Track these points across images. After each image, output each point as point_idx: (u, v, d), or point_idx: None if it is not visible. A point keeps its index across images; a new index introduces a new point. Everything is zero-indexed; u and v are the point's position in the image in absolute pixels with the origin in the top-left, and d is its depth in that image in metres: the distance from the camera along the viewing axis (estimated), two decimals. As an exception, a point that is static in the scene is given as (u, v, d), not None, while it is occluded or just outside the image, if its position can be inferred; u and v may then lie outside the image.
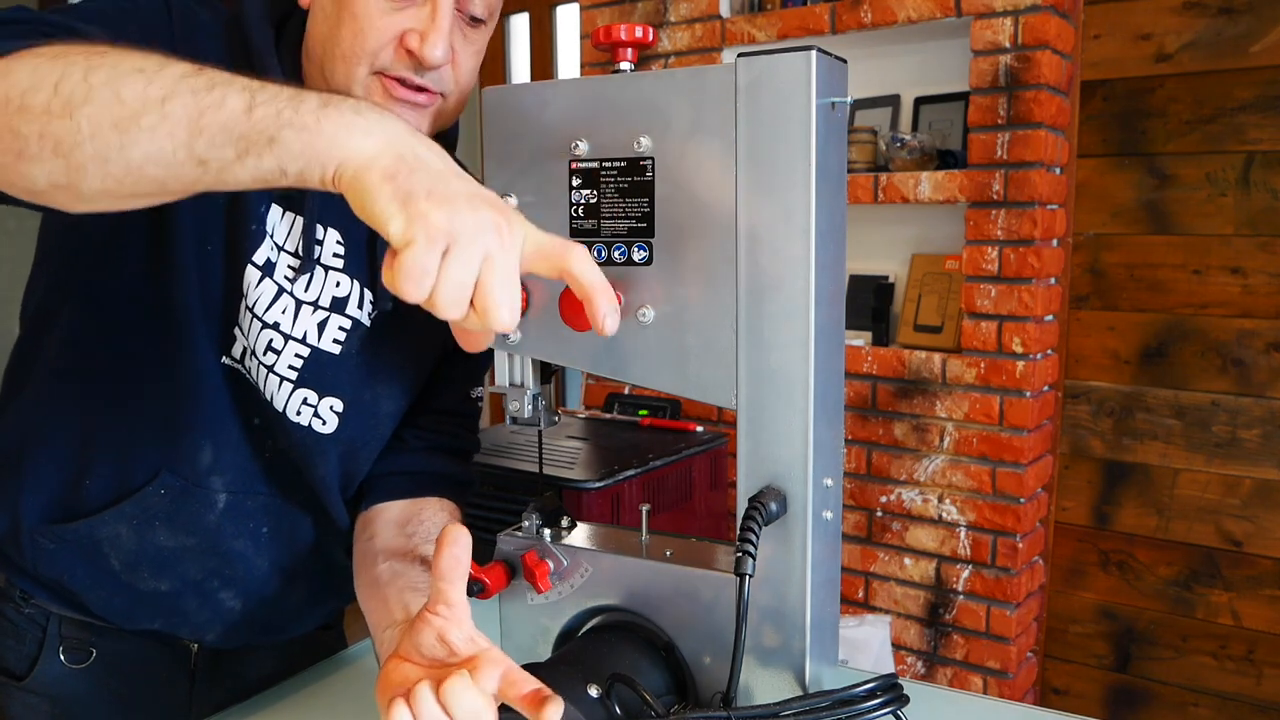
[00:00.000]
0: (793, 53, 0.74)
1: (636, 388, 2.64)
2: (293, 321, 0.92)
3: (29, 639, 1.02)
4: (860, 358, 2.44)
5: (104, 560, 0.96)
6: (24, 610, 1.02)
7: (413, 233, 0.56)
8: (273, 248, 0.91)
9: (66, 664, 1.01)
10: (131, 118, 0.60)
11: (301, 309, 0.93)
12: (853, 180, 2.39)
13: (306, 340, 0.93)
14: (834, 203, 0.78)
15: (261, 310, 0.91)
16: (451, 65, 0.87)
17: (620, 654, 0.83)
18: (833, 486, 0.81)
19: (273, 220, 0.91)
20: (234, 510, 0.97)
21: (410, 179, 0.57)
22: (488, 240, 0.57)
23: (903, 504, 2.43)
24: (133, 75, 0.61)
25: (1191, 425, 2.32)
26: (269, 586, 1.02)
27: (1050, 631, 2.52)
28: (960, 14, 2.24)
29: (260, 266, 0.90)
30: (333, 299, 0.94)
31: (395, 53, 0.84)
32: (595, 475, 1.95)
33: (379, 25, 0.83)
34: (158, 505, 0.94)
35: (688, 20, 2.63)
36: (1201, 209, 2.26)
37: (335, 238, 0.94)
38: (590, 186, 0.82)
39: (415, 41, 0.83)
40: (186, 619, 1.01)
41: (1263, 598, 2.27)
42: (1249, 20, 2.17)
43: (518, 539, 0.91)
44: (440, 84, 0.87)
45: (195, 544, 0.96)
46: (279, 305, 0.92)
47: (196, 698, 1.06)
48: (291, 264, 0.92)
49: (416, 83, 0.86)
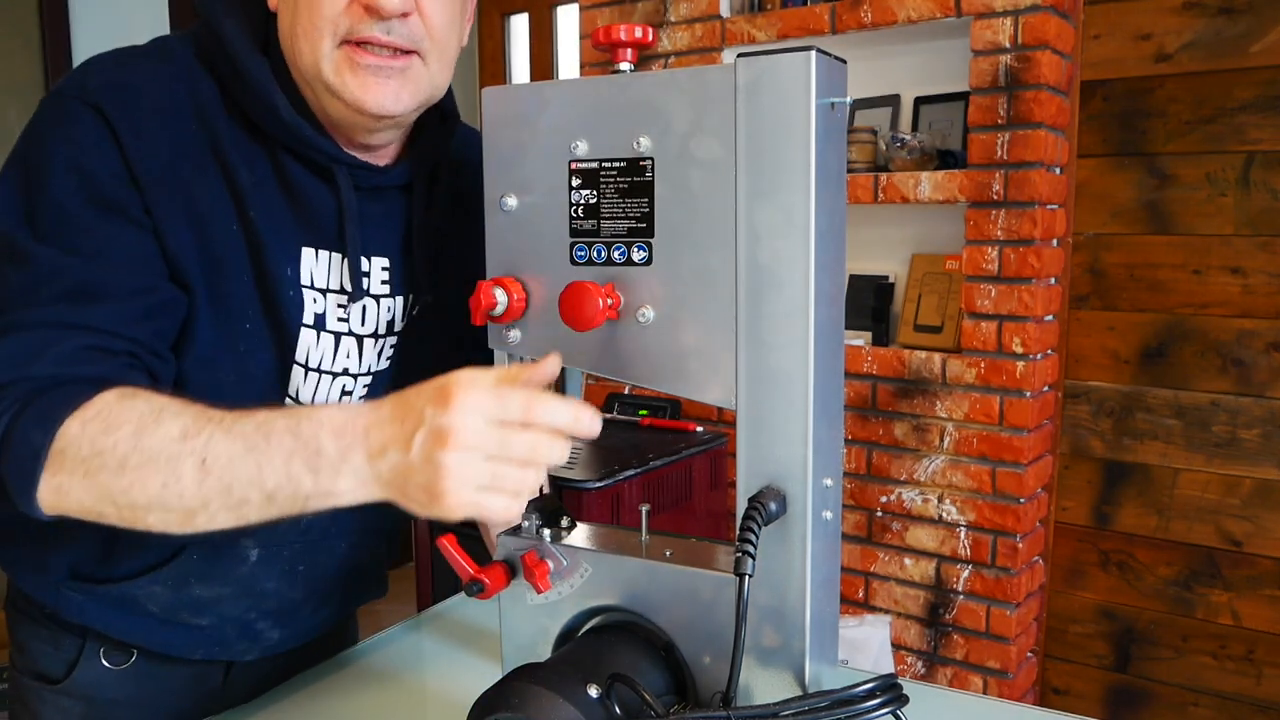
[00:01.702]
0: (792, 53, 0.74)
1: (636, 388, 2.64)
2: (359, 359, 0.94)
3: (67, 644, 1.00)
4: (860, 358, 2.44)
5: (140, 608, 0.96)
6: (62, 619, 0.99)
7: (446, 491, 0.66)
8: (314, 298, 0.90)
9: (108, 665, 1.00)
10: (188, 517, 0.71)
11: (364, 344, 0.94)
12: (853, 180, 2.39)
13: (371, 370, 0.96)
14: (834, 203, 0.78)
15: (328, 364, 0.92)
16: (420, 16, 0.83)
17: (620, 654, 0.83)
18: (833, 486, 0.81)
19: (307, 268, 0.89)
20: (267, 560, 0.97)
21: (400, 482, 0.67)
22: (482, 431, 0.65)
23: (903, 504, 2.43)
24: (160, 490, 0.70)
25: (1191, 425, 2.32)
26: (304, 610, 1.05)
27: (1050, 631, 2.52)
28: (960, 14, 2.24)
29: (312, 325, 0.90)
30: (386, 324, 0.96)
31: (355, 13, 0.82)
32: (595, 475, 1.95)
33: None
34: (191, 567, 0.94)
35: (688, 20, 2.63)
36: (1201, 209, 2.26)
37: (381, 264, 0.94)
38: (590, 187, 0.82)
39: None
40: (227, 648, 1.02)
41: (1263, 598, 2.27)
42: (1249, 20, 2.17)
43: (518, 539, 0.91)
44: (410, 39, 0.84)
45: (231, 591, 0.97)
46: (342, 350, 0.92)
47: (230, 691, 1.06)
48: (340, 301, 0.91)
49: (384, 41, 0.83)
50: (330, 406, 0.74)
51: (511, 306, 0.85)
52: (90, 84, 0.81)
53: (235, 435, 0.70)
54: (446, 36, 0.87)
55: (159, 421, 0.71)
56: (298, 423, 0.70)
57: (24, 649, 1.03)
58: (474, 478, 0.65)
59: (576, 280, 0.81)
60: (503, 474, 0.66)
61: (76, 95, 0.81)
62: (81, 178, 0.79)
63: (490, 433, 0.65)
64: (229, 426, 0.70)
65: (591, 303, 0.80)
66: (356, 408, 0.70)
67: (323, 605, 1.07)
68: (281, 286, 0.88)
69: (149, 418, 0.71)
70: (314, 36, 0.83)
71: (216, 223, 0.84)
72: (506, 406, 0.66)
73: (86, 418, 0.72)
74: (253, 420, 0.71)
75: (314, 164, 0.88)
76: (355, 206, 0.89)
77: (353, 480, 0.68)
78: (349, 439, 0.68)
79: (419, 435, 0.66)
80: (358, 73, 0.83)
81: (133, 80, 0.83)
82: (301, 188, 0.88)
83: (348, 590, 1.10)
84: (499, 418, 0.66)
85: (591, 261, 0.83)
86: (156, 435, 0.70)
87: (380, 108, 0.85)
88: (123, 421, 0.71)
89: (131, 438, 0.70)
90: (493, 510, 0.67)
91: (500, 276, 0.86)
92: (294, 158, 0.88)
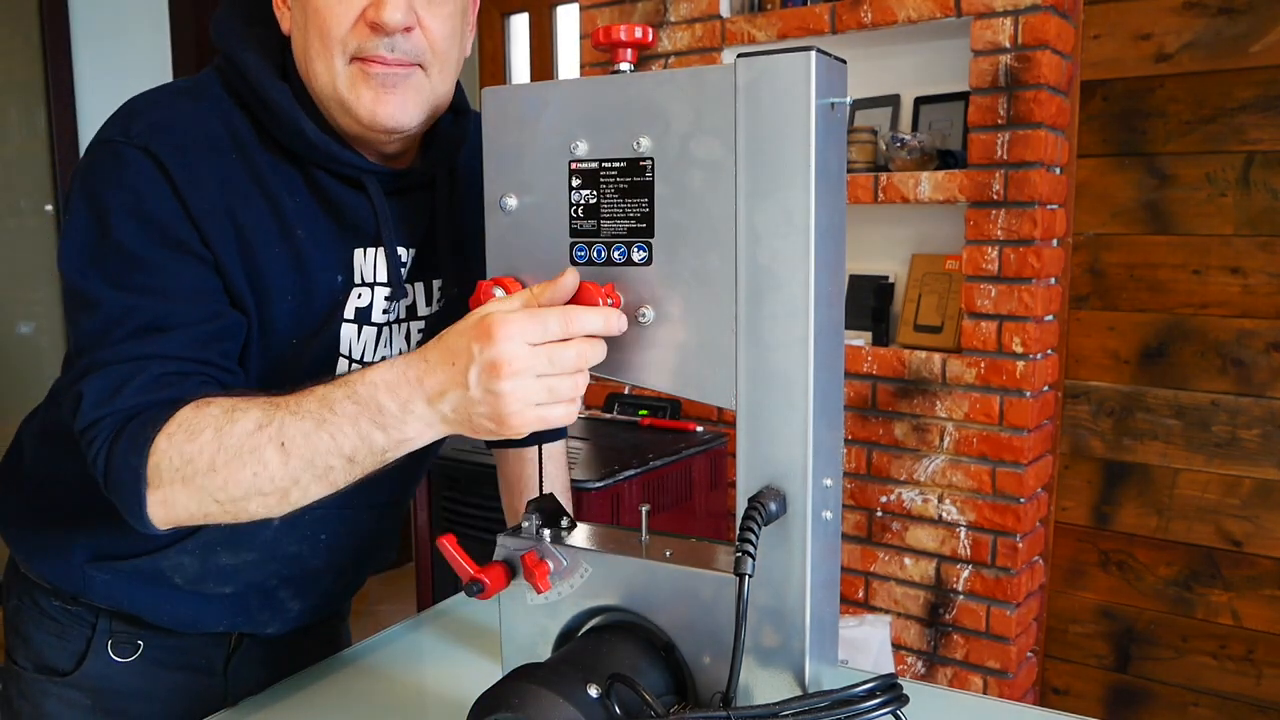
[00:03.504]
0: (792, 53, 0.74)
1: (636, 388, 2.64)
2: (394, 349, 0.99)
3: (75, 636, 1.03)
4: (860, 358, 2.44)
5: (167, 581, 0.99)
6: (71, 608, 1.03)
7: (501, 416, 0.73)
8: (359, 294, 0.95)
9: (114, 658, 1.03)
10: (284, 495, 0.78)
11: (394, 331, 0.98)
12: (853, 180, 2.39)
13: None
14: (834, 203, 0.78)
15: (370, 357, 0.96)
16: (421, 31, 0.88)
17: (620, 654, 0.83)
18: (832, 486, 0.81)
19: (358, 268, 0.95)
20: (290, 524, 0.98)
21: (465, 417, 0.74)
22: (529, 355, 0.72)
23: (903, 504, 2.43)
24: (252, 479, 0.77)
25: (1191, 425, 2.32)
26: (323, 580, 1.08)
27: (1050, 631, 2.52)
28: (960, 14, 2.24)
29: (353, 319, 0.95)
30: (406, 309, 1.00)
31: (361, 31, 0.86)
32: (595, 475, 1.96)
33: (339, 11, 0.85)
34: (217, 535, 0.96)
35: (688, 20, 2.63)
36: (1201, 209, 2.26)
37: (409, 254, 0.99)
38: (590, 187, 0.82)
39: (373, 12, 0.85)
40: (250, 618, 1.06)
41: (1263, 598, 2.27)
42: (1249, 20, 2.17)
43: (518, 539, 0.91)
44: (413, 53, 0.88)
45: (255, 558, 1.00)
46: (382, 340, 0.97)
47: (232, 683, 1.09)
48: (385, 294, 0.96)
49: (390, 59, 0.87)
50: (379, 366, 0.77)
51: (511, 306, 0.85)
52: (134, 128, 0.86)
53: (303, 414, 0.77)
54: (448, 49, 0.91)
55: (233, 420, 0.78)
56: (353, 389, 0.76)
57: (29, 642, 1.05)
58: (532, 396, 0.72)
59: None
60: (557, 386, 0.73)
61: (124, 140, 0.85)
62: (141, 221, 0.84)
63: (537, 354, 0.72)
64: (295, 408, 0.77)
65: (591, 303, 0.80)
66: (404, 361, 0.76)
67: (341, 574, 1.11)
68: (324, 296, 0.93)
69: (223, 419, 0.78)
70: (327, 56, 0.87)
71: (260, 248, 0.89)
72: (546, 326, 0.73)
73: (171, 432, 0.78)
74: (314, 397, 0.77)
75: (345, 176, 0.93)
76: (388, 211, 0.94)
77: (420, 425, 0.75)
78: (406, 391, 0.75)
79: (473, 371, 0.72)
80: (370, 84, 0.87)
81: (175, 120, 0.87)
82: (339, 199, 0.93)
83: (364, 559, 1.15)
84: (541, 338, 0.72)
85: (591, 261, 0.83)
86: (234, 432, 0.77)
87: (391, 119, 0.89)
88: (203, 428, 0.78)
89: (214, 440, 0.77)
90: (555, 418, 0.75)
91: (500, 276, 0.86)
92: (326, 173, 0.92)
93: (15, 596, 1.07)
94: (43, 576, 1.04)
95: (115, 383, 0.81)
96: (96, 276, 0.84)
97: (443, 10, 0.89)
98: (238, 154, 0.89)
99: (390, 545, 1.20)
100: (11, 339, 3.03)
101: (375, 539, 1.13)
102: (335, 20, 0.86)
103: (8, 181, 2.96)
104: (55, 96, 3.02)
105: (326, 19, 0.86)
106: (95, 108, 3.05)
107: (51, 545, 1.00)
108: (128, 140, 0.85)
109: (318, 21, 0.86)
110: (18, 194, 3.04)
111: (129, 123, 0.86)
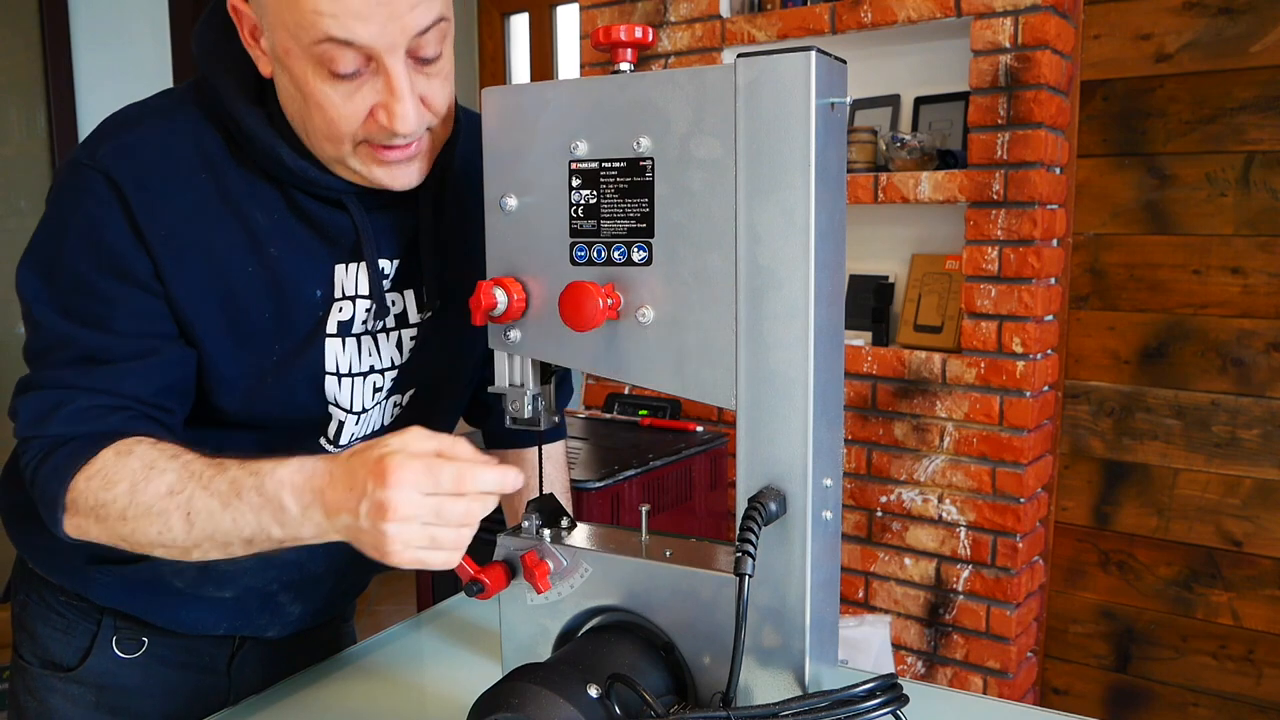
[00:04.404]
0: (792, 53, 0.74)
1: (636, 388, 2.64)
2: (379, 355, 0.98)
3: (80, 632, 1.04)
4: (860, 358, 2.44)
5: (167, 585, 0.99)
6: (76, 604, 1.04)
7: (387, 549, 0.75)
8: (340, 307, 0.94)
9: (119, 654, 1.04)
10: (185, 553, 0.83)
11: (378, 339, 0.98)
12: (853, 180, 2.39)
13: (395, 364, 1.00)
14: (834, 202, 0.78)
15: (356, 367, 0.96)
16: (424, 108, 0.85)
17: (620, 654, 0.83)
18: (832, 486, 0.81)
19: (339, 282, 0.94)
20: None
21: (354, 539, 0.77)
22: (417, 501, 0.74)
23: (903, 504, 2.43)
24: (157, 536, 0.82)
25: (1191, 425, 2.32)
26: (323, 585, 1.09)
27: (1050, 631, 2.52)
28: (960, 14, 2.24)
29: (336, 333, 0.94)
30: (395, 316, 0.99)
31: (371, 126, 0.84)
32: (595, 475, 1.95)
33: (345, 112, 0.83)
34: None
35: (688, 20, 2.63)
36: (1201, 209, 2.26)
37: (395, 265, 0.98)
38: (590, 187, 0.82)
39: (384, 117, 0.82)
40: (250, 621, 1.06)
41: (1263, 598, 2.27)
42: (1249, 20, 2.17)
43: (518, 539, 0.91)
44: (421, 129, 0.86)
45: (254, 563, 0.99)
46: (364, 348, 0.97)
47: (235, 682, 1.09)
48: (367, 306, 0.96)
49: (402, 146, 0.86)
50: (288, 464, 0.79)
51: (511, 306, 0.85)
52: (101, 151, 0.86)
53: (212, 492, 0.80)
54: (445, 102, 0.88)
55: (148, 479, 0.82)
56: (261, 481, 0.79)
57: (35, 637, 1.06)
58: (414, 540, 0.75)
59: (576, 280, 0.81)
60: (439, 535, 0.75)
61: (90, 163, 0.86)
62: (94, 248, 0.86)
63: (425, 503, 0.73)
64: (207, 483, 0.81)
65: (591, 303, 0.80)
66: (313, 466, 0.78)
67: (342, 578, 1.11)
68: (303, 311, 0.92)
69: (139, 475, 0.82)
70: (334, 143, 0.85)
71: (233, 267, 0.89)
72: (439, 479, 0.74)
73: (90, 474, 0.83)
74: (226, 478, 0.80)
75: (324, 197, 0.92)
76: (370, 230, 0.94)
77: (314, 530, 0.79)
78: (308, 498, 0.78)
79: (363, 505, 0.74)
80: (382, 164, 0.87)
81: (142, 143, 0.87)
82: (319, 217, 0.92)
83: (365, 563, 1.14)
84: (432, 489, 0.73)
85: (591, 261, 0.83)
86: (147, 492, 0.81)
87: (407, 186, 0.90)
88: (119, 479, 0.82)
89: (127, 493, 0.82)
90: (434, 563, 0.77)
91: (500, 276, 0.86)
92: (304, 194, 0.91)
93: (23, 592, 1.08)
94: (48, 574, 1.05)
95: (47, 407, 0.86)
96: (45, 297, 0.87)
97: (439, 75, 0.86)
98: (208, 174, 0.88)
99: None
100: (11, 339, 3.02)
101: None
102: (343, 121, 0.83)
103: (8, 181, 2.96)
104: (55, 96, 3.02)
105: (333, 118, 0.83)
106: (95, 108, 3.05)
107: (54, 544, 1.00)
108: (92, 164, 0.85)
109: (322, 115, 0.84)
110: (18, 194, 3.04)
111: (98, 145, 0.87)
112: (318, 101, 0.83)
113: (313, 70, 0.81)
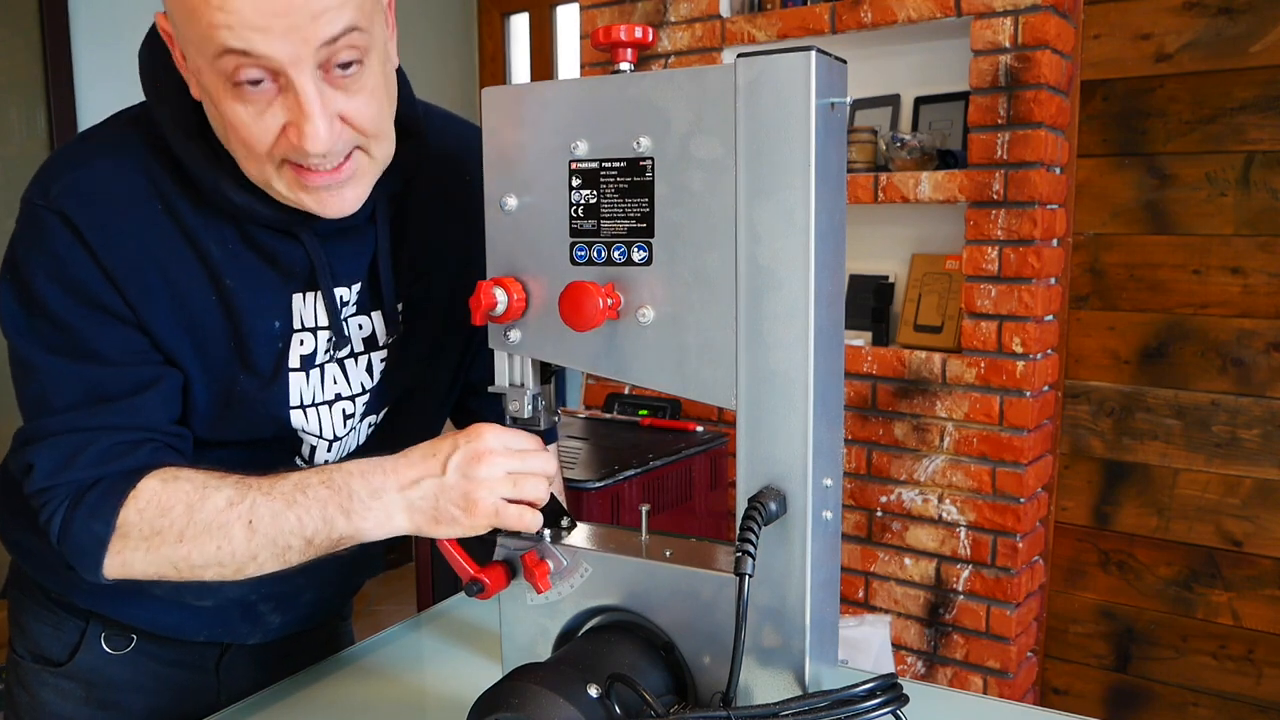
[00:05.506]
0: (792, 53, 0.74)
1: (636, 388, 2.64)
2: (346, 381, 0.97)
3: (69, 628, 1.04)
4: (860, 358, 2.44)
5: (146, 592, 0.98)
6: (64, 604, 1.04)
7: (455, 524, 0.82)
8: (302, 339, 0.93)
9: (107, 650, 1.04)
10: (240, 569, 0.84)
11: (345, 365, 0.96)
12: (853, 180, 2.39)
13: (366, 388, 0.98)
14: (834, 202, 0.78)
15: (320, 396, 0.95)
16: (347, 124, 0.80)
17: (620, 654, 0.83)
18: (832, 486, 0.81)
19: (298, 313, 0.92)
20: None
21: (431, 505, 0.82)
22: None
23: (903, 504, 2.43)
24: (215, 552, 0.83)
25: (1191, 425, 2.32)
26: (305, 594, 1.08)
27: (1050, 631, 2.52)
28: (960, 14, 2.24)
29: (299, 367, 0.93)
30: (363, 340, 0.97)
31: (286, 144, 0.79)
32: (595, 475, 1.95)
33: (257, 132, 0.78)
34: None
35: (688, 20, 2.63)
36: (1201, 209, 2.26)
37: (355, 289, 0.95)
38: (590, 187, 0.82)
39: (294, 135, 0.78)
40: (230, 629, 1.06)
41: (1263, 598, 2.27)
42: (1249, 20, 2.17)
43: (518, 539, 0.91)
44: (346, 149, 0.82)
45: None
46: (328, 377, 0.95)
47: (224, 682, 1.09)
48: (328, 336, 0.94)
49: (324, 169, 0.81)
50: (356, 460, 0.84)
51: (511, 306, 0.85)
52: (53, 190, 0.84)
53: (274, 495, 0.82)
54: (377, 118, 0.83)
55: (204, 498, 0.83)
56: (330, 475, 0.83)
57: (26, 632, 1.07)
58: (500, 487, 0.81)
59: (576, 280, 0.81)
60: (523, 483, 0.82)
61: (44, 204, 0.84)
62: (64, 286, 0.84)
63: (511, 455, 0.82)
64: (268, 489, 0.83)
65: (591, 303, 0.80)
66: (379, 458, 0.83)
67: (323, 589, 1.10)
68: (263, 344, 0.91)
69: (194, 496, 0.83)
70: (256, 163, 0.81)
71: (195, 299, 0.88)
72: (521, 440, 0.84)
73: (140, 506, 0.83)
74: (289, 480, 0.83)
75: (276, 227, 0.89)
76: (324, 259, 0.91)
77: (380, 516, 0.82)
78: (379, 478, 0.81)
79: (454, 458, 0.81)
80: (308, 190, 0.82)
81: (93, 180, 0.84)
82: (273, 248, 0.89)
83: (346, 575, 1.15)
84: (518, 446, 0.83)
85: (591, 261, 0.83)
86: (205, 509, 0.82)
87: (340, 212, 0.85)
88: (174, 503, 0.83)
89: (184, 515, 0.83)
90: (511, 518, 0.82)
91: (500, 276, 0.86)
92: (255, 225, 0.88)
93: (16, 588, 1.08)
94: (35, 575, 1.05)
95: (67, 453, 0.84)
96: (34, 340, 0.85)
97: (362, 91, 0.80)
98: (162, 204, 0.86)
99: (375, 560, 1.19)
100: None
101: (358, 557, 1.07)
102: (256, 141, 0.79)
103: (8, 181, 2.96)
104: (55, 96, 3.02)
105: (247, 137, 0.79)
106: (95, 108, 3.05)
107: (38, 547, 1.01)
108: (46, 204, 0.83)
109: (238, 135, 0.79)
110: (18, 194, 3.03)
111: (49, 184, 0.84)
112: (230, 120, 0.79)
113: (222, 87, 0.77)
